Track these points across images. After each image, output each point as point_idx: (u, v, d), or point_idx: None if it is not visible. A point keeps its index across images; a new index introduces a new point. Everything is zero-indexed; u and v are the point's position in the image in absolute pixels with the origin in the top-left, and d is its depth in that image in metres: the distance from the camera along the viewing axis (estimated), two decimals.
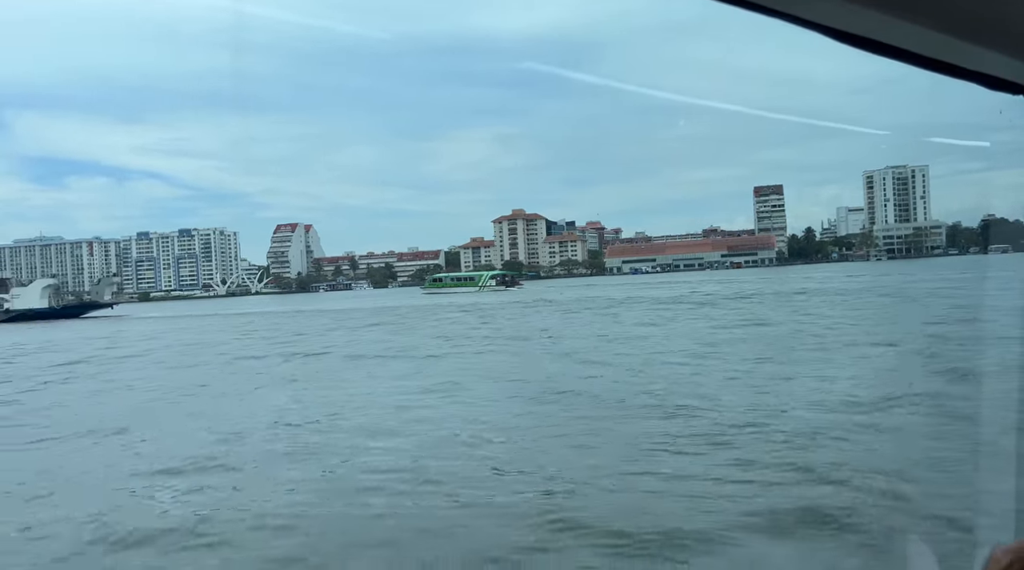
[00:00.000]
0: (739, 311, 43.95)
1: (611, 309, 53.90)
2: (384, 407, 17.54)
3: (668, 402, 15.90)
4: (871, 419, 13.47)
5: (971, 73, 1.27)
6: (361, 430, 14.94)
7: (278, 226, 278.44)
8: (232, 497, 10.85)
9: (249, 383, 23.51)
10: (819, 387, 17.16)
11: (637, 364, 22.80)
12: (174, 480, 11.84)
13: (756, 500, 9.32)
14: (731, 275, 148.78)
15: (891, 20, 1.09)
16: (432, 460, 12.08)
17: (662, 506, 9.35)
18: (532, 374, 21.95)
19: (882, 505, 8.91)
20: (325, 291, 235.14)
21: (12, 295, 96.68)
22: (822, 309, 41.91)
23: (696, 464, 11.13)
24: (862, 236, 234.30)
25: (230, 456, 13.17)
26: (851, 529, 8.26)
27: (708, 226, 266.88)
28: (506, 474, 11.23)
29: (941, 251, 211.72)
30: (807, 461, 10.81)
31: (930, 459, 10.71)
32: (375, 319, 56.81)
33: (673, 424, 13.78)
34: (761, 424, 13.43)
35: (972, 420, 10.81)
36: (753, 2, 1.06)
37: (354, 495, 10.55)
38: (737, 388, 17.62)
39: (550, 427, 14.30)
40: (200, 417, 17.48)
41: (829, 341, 26.05)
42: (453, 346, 32.33)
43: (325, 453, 13.08)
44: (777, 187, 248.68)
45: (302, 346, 36.08)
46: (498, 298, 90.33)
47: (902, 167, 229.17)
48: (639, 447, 12.26)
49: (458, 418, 15.69)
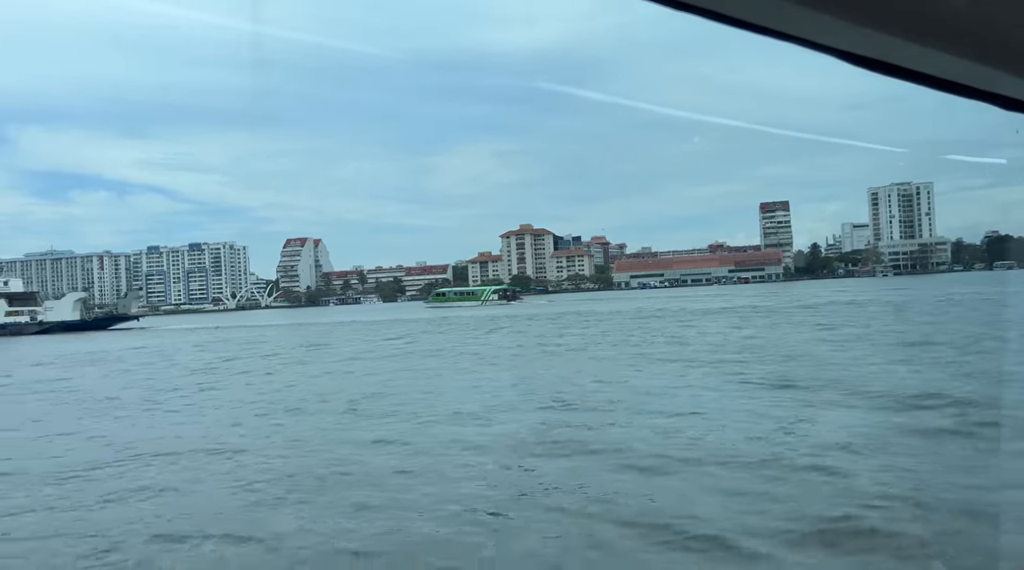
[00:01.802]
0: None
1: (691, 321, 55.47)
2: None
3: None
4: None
5: (985, 94, 1.28)
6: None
7: (288, 240, 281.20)
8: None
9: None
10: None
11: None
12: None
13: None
14: (742, 290, 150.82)
15: (904, 43, 1.10)
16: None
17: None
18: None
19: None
20: (335, 305, 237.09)
21: (45, 308, 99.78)
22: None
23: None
24: (868, 252, 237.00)
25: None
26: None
27: (712, 242, 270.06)
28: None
29: (946, 267, 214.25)
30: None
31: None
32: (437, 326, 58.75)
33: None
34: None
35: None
36: (767, 27, 1.07)
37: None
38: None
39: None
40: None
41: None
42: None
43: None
44: (783, 203, 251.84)
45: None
46: (502, 311, 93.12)
47: (907, 184, 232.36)
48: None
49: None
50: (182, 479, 12.90)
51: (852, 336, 32.99)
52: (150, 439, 16.78)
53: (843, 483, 10.57)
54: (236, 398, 23.61)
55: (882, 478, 10.72)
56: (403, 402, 20.19)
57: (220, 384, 28.08)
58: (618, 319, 60.32)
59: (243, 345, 53.70)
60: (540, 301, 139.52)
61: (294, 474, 12.72)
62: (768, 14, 1.05)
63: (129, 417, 20.80)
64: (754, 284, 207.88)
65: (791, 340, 32.92)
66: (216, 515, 10.82)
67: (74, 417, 21.27)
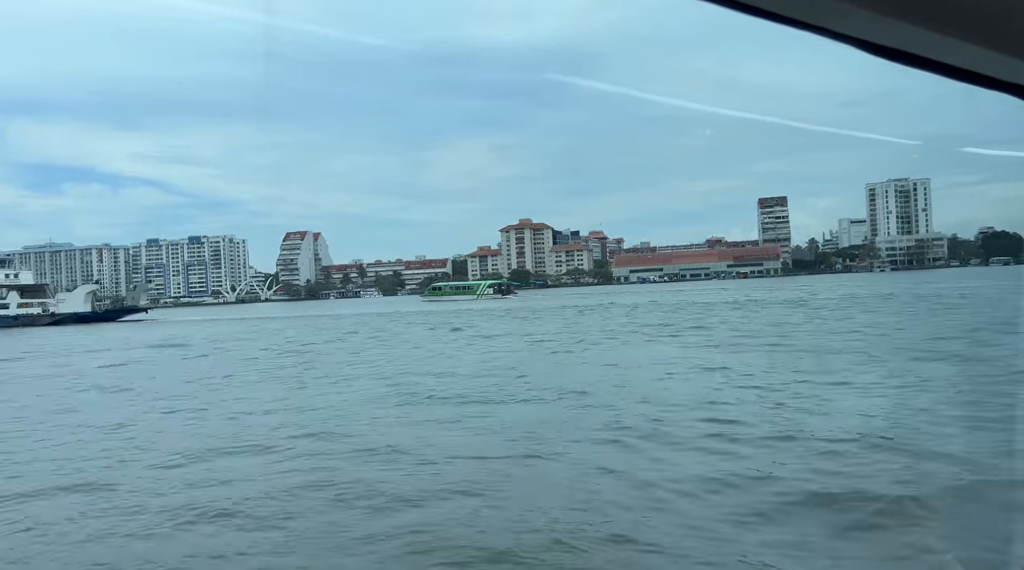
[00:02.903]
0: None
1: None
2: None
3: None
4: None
5: (1008, 85, 1.27)
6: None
7: (287, 234, 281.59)
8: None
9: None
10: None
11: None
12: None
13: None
14: (745, 284, 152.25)
15: (925, 32, 1.09)
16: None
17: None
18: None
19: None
20: (336, 298, 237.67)
21: (58, 299, 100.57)
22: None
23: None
24: (865, 247, 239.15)
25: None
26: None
27: (708, 237, 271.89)
28: None
29: (943, 263, 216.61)
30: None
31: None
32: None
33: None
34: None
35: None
36: (788, 17, 1.07)
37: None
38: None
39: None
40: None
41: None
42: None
43: None
44: (781, 199, 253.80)
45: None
46: (497, 305, 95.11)
47: (904, 180, 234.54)
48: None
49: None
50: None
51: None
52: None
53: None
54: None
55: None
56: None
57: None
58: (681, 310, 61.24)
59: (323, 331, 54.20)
60: (537, 296, 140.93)
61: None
62: (789, 4, 1.07)
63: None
64: (753, 279, 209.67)
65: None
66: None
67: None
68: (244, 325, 75.64)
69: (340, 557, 8.06)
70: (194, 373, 28.21)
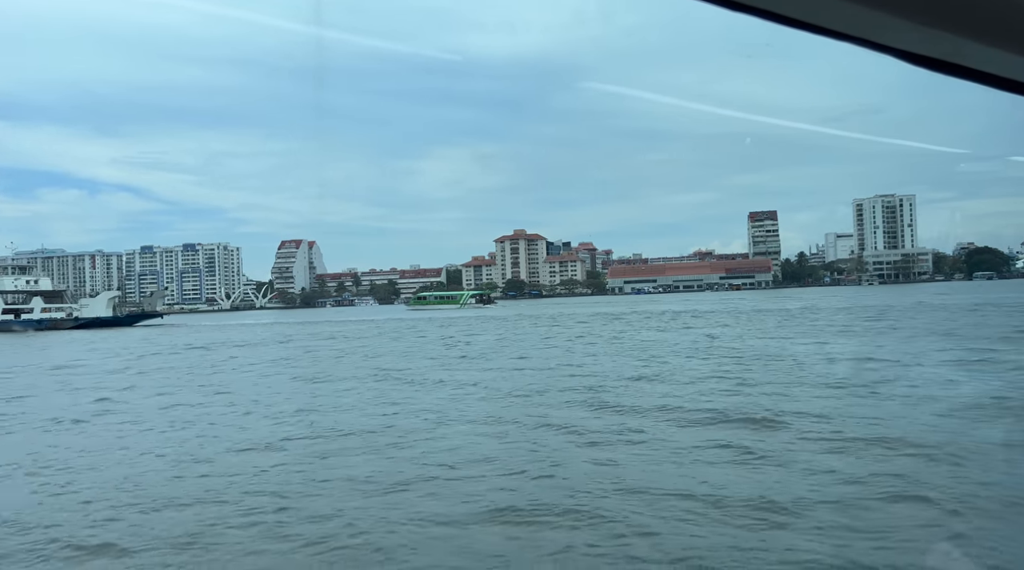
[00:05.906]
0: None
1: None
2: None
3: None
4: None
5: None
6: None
7: (282, 242, 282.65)
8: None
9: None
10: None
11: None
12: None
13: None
14: (741, 296, 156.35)
15: (965, 41, 1.07)
16: None
17: None
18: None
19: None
20: (331, 307, 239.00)
21: (81, 304, 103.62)
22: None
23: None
24: (852, 261, 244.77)
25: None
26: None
27: (693, 249, 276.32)
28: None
29: (928, 277, 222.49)
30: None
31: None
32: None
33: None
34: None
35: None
36: (825, 27, 1.06)
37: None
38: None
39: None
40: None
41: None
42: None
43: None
44: (771, 213, 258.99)
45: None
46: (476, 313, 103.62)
47: (890, 196, 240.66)
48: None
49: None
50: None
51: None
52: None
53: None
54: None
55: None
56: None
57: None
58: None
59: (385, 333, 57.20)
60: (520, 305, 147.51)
61: None
62: (825, 14, 1.07)
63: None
64: (745, 291, 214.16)
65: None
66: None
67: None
68: (269, 331, 77.76)
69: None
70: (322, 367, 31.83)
